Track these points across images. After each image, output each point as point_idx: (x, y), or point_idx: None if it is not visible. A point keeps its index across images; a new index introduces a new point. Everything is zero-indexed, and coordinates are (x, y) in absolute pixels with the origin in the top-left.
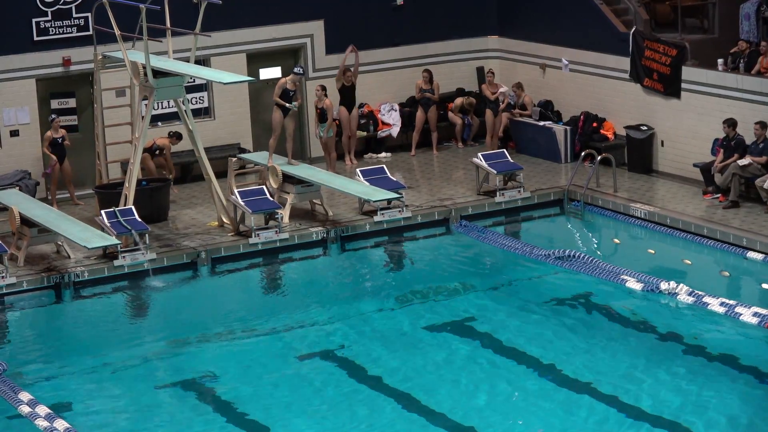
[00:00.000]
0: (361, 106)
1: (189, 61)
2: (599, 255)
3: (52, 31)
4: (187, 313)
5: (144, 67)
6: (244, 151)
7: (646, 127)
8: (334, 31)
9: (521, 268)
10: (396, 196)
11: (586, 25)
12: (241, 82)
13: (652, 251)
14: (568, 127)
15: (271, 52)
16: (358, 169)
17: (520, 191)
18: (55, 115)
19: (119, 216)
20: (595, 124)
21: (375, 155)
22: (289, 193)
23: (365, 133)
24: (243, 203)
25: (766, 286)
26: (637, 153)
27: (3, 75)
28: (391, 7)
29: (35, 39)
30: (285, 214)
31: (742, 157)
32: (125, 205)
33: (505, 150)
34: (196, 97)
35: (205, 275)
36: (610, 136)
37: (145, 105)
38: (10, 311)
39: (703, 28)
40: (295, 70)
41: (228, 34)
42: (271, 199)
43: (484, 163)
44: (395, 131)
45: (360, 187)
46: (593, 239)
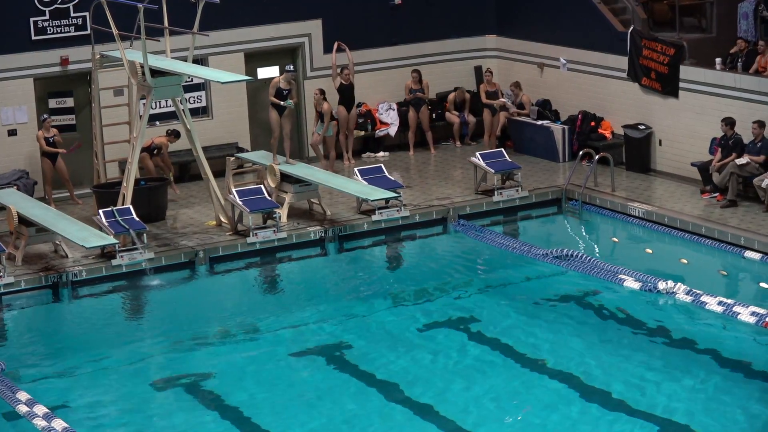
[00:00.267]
0: (359, 106)
1: (187, 61)
2: (597, 254)
3: (50, 30)
4: (184, 312)
5: (142, 67)
6: (242, 150)
7: (644, 127)
8: (332, 30)
9: (519, 267)
10: (394, 195)
11: (584, 24)
12: (239, 82)
13: (650, 250)
14: (566, 127)
15: (268, 52)
16: (356, 169)
17: (518, 190)
18: (46, 115)
19: (117, 215)
20: (593, 124)
21: (373, 154)
22: (287, 192)
23: (363, 132)
24: (241, 202)
25: (763, 285)
26: (635, 152)
27: (1, 74)
28: (389, 6)
29: (33, 38)
30: (283, 213)
31: (740, 156)
32: (123, 204)
33: (503, 149)
34: (194, 97)
35: (203, 274)
36: (608, 135)
37: (143, 104)
38: (8, 311)
39: (701, 28)
40: (286, 68)
41: (226, 33)
42: (269, 198)
43: (482, 163)
44: (393, 130)
45: (358, 187)
46: (591, 238)
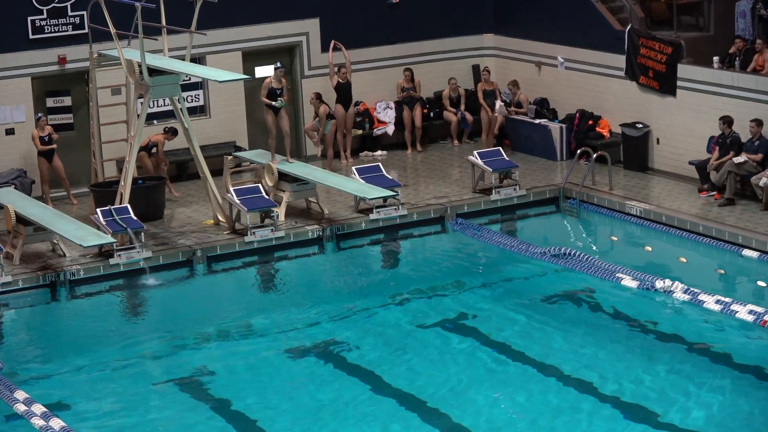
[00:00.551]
0: (356, 104)
1: (184, 60)
2: (595, 253)
3: (48, 29)
4: (182, 311)
5: (139, 66)
6: (239, 149)
7: (641, 125)
8: (329, 29)
9: (517, 266)
10: (392, 194)
11: (582, 23)
12: (237, 81)
13: (648, 249)
14: (564, 125)
15: (266, 51)
16: (353, 167)
17: (515, 189)
18: (41, 114)
19: (115, 214)
20: (590, 122)
21: (371, 153)
22: (284, 191)
23: (361, 131)
24: (239, 201)
25: (761, 283)
26: (633, 151)
27: None
28: (386, 4)
29: (31, 37)
30: (281, 212)
31: (737, 154)
32: (121, 203)
33: (500, 148)
34: (192, 96)
35: (200, 273)
36: (606, 133)
37: (141, 103)
38: (5, 310)
39: (698, 26)
40: (275, 65)
41: (223, 32)
42: (267, 197)
43: (479, 161)
44: (391, 129)
45: (356, 185)
46: (589, 237)
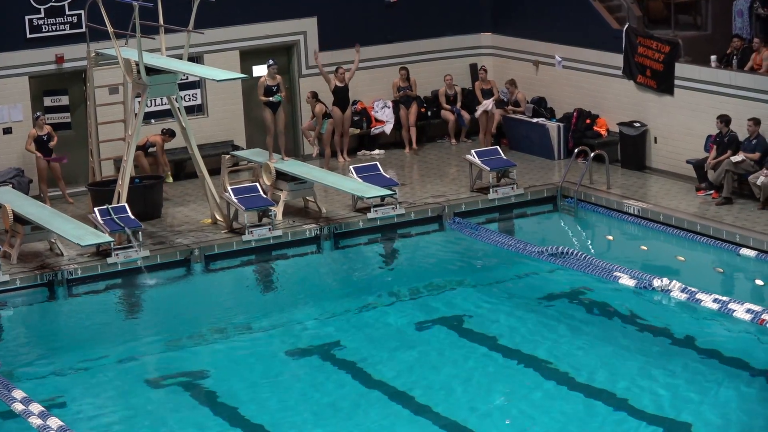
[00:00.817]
0: (354, 103)
1: (182, 59)
2: (592, 252)
3: (45, 28)
4: (180, 310)
5: (137, 65)
6: (237, 148)
7: (639, 124)
8: (327, 28)
9: (514, 265)
10: (389, 193)
11: (580, 22)
12: (234, 80)
13: (645, 248)
14: (562, 124)
15: (264, 50)
16: (351, 166)
17: (513, 188)
18: (40, 113)
19: (112, 213)
20: (588, 121)
21: (368, 152)
22: (282, 190)
23: (358, 130)
24: (236, 200)
25: (759, 282)
26: (631, 150)
27: None
28: (384, 4)
29: (28, 36)
30: (278, 211)
31: (735, 153)
32: (118, 202)
33: (498, 147)
34: (189, 95)
35: (198, 272)
36: (604, 132)
37: (138, 102)
38: (3, 309)
39: (696, 25)
40: (268, 63)
41: (221, 31)
42: (265, 196)
43: (477, 160)
44: (388, 128)
45: (353, 184)
46: (586, 236)
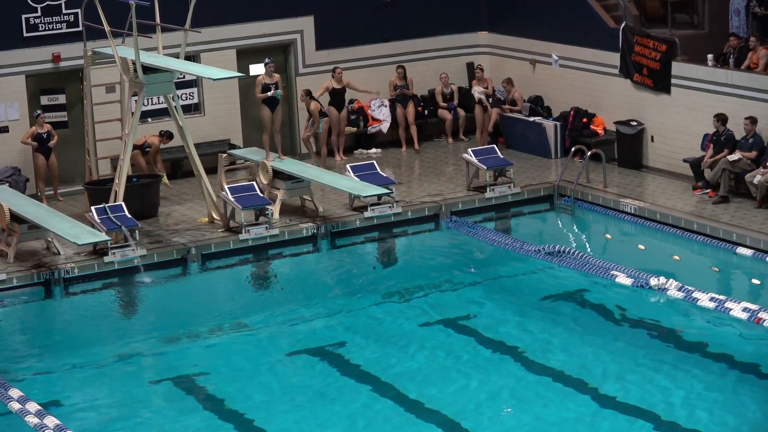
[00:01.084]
0: (351, 102)
1: (179, 57)
2: (589, 251)
3: (42, 27)
4: (177, 309)
5: (134, 63)
6: (234, 147)
7: (636, 123)
8: (324, 27)
9: (511, 263)
10: (386, 191)
11: (576, 20)
12: (231, 78)
13: (642, 247)
14: (558, 123)
15: (261, 48)
16: (348, 165)
17: (510, 187)
18: (40, 111)
19: (109, 212)
20: (585, 120)
21: (365, 151)
22: (279, 189)
23: (355, 129)
24: (233, 199)
25: (755, 281)
26: (627, 148)
27: None
28: (381, 3)
29: (25, 35)
30: (275, 210)
31: (731, 152)
32: (115, 201)
33: (495, 146)
34: (186, 94)
35: (195, 271)
36: (600, 131)
37: (135, 101)
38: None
39: (692, 24)
40: (265, 61)
41: (218, 30)
42: (262, 195)
43: (474, 159)
44: (385, 127)
45: (350, 183)
46: (583, 235)
